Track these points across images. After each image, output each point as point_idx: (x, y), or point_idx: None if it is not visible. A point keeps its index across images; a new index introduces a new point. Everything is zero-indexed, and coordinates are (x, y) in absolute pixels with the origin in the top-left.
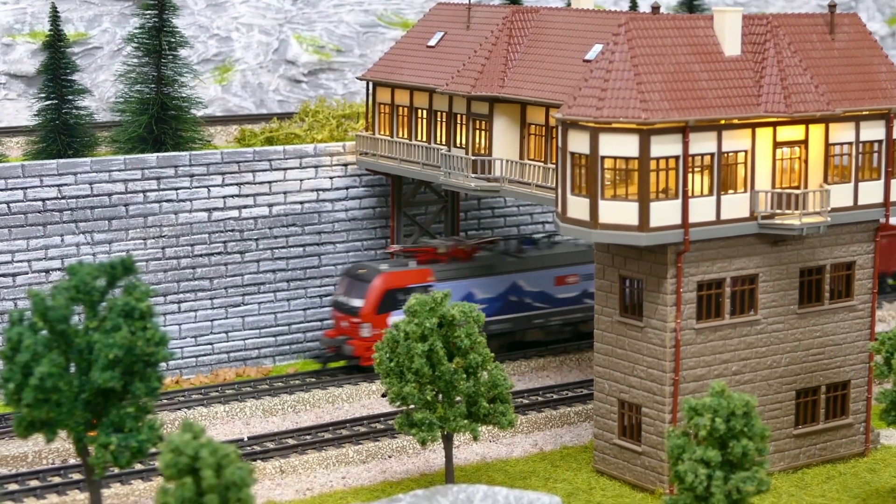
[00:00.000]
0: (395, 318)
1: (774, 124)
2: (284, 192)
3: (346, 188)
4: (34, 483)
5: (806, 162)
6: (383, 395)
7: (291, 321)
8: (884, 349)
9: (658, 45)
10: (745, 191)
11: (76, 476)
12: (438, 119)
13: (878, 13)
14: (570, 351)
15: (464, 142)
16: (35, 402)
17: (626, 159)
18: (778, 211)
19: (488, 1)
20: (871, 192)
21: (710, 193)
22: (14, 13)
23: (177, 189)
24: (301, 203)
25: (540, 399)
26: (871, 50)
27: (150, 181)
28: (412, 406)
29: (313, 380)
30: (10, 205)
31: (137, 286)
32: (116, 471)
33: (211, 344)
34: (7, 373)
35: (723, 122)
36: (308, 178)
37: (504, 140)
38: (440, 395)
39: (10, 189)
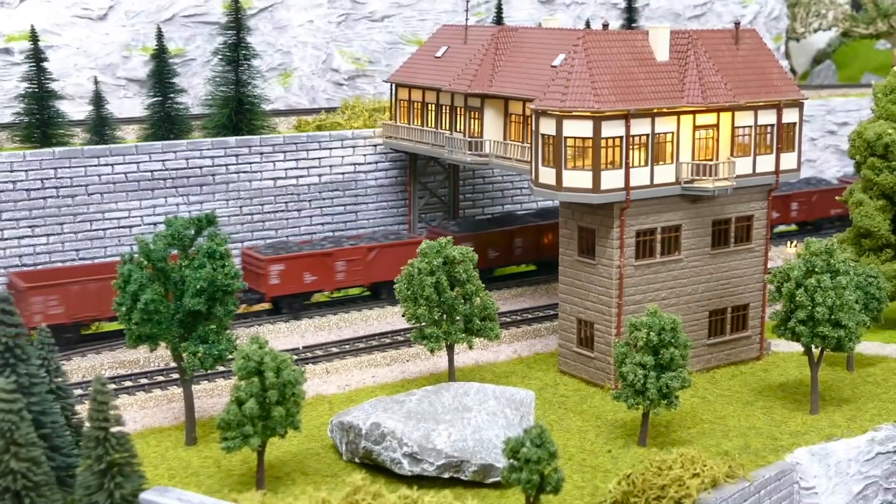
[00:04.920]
0: None
1: (694, 112)
2: (330, 166)
3: (376, 163)
4: (144, 381)
5: (717, 140)
6: (403, 315)
7: None
8: (775, 280)
9: (607, 54)
10: (672, 162)
11: (175, 376)
12: (443, 111)
13: (767, 33)
14: (542, 282)
15: (462, 127)
16: (141, 321)
17: (583, 139)
18: (696, 177)
19: (482, 21)
20: (766, 163)
21: (646, 164)
22: (130, 33)
23: (250, 163)
24: (342, 174)
25: (519, 318)
26: (767, 56)
27: (231, 157)
28: (423, 324)
29: (353, 304)
30: (127, 175)
31: (218, 234)
32: (203, 372)
33: None
34: (120, 299)
35: (655, 110)
36: (347, 156)
37: (492, 126)
38: (444, 316)
39: (127, 163)
